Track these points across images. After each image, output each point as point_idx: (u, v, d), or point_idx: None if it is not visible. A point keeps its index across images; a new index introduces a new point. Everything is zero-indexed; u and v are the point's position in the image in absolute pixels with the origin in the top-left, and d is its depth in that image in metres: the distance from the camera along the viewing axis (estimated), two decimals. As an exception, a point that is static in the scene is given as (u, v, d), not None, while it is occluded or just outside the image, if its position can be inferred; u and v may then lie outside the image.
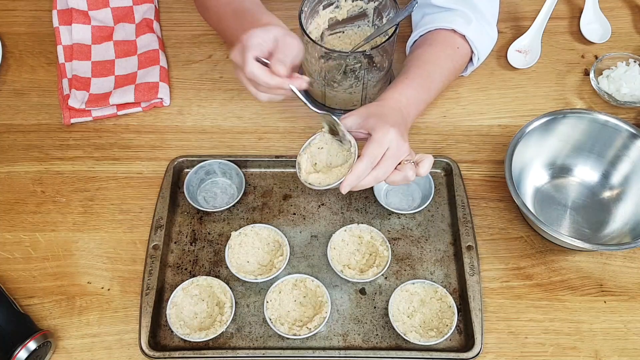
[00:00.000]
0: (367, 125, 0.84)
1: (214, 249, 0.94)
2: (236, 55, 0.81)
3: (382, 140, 0.81)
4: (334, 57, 0.95)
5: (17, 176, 1.01)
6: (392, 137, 0.81)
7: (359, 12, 1.04)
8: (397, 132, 0.82)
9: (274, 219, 0.96)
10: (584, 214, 0.96)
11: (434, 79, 0.96)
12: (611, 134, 0.95)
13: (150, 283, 0.88)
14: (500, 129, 1.06)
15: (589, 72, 1.10)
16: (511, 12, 1.20)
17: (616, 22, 1.18)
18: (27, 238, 0.95)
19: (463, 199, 0.96)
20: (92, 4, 1.15)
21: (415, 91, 0.93)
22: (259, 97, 0.84)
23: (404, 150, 0.83)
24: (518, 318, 0.88)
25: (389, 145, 0.81)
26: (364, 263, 0.91)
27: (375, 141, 0.81)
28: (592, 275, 0.92)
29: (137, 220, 0.96)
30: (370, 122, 0.84)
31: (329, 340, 0.86)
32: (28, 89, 1.10)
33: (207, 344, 0.85)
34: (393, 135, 0.81)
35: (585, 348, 0.86)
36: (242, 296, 0.89)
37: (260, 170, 1.01)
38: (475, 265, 0.90)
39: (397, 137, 0.82)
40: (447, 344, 0.86)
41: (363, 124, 0.84)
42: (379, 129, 0.82)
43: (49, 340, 0.83)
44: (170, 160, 1.00)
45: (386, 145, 0.81)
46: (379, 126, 0.82)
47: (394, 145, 0.82)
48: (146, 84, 1.06)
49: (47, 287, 0.91)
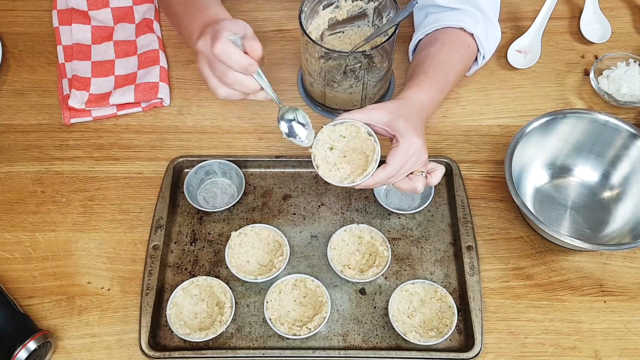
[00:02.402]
0: (394, 126, 0.83)
1: (214, 249, 0.94)
2: (205, 43, 0.80)
3: (408, 150, 0.82)
4: (334, 57, 0.95)
5: (17, 176, 1.01)
6: (417, 147, 0.82)
7: (359, 12, 1.04)
8: (423, 144, 0.83)
9: (274, 219, 0.96)
10: (584, 214, 0.96)
11: (449, 81, 0.96)
12: (611, 134, 0.95)
13: (150, 283, 0.88)
14: (500, 129, 1.06)
15: (589, 72, 1.10)
16: (511, 12, 1.20)
17: (616, 22, 1.18)
18: (27, 238, 0.95)
19: (463, 199, 0.96)
20: (92, 4, 1.15)
21: (435, 93, 0.93)
22: (218, 92, 0.82)
23: (422, 161, 0.84)
24: (518, 318, 0.88)
25: (413, 155, 0.82)
26: (364, 263, 0.91)
27: (403, 151, 0.82)
28: (592, 275, 0.92)
29: (137, 220, 0.96)
30: (399, 124, 0.83)
31: (329, 340, 0.86)
32: (28, 89, 1.10)
33: (207, 344, 0.85)
34: (418, 146, 0.82)
35: (585, 348, 0.86)
36: (242, 296, 0.89)
37: (260, 170, 1.01)
38: (475, 265, 0.90)
39: (421, 148, 0.83)
40: (447, 344, 0.86)
41: (390, 123, 0.83)
42: (407, 137, 0.82)
43: (49, 340, 0.83)
44: (170, 160, 1.00)
45: (411, 155, 0.82)
46: (407, 133, 0.82)
47: (416, 155, 0.83)
48: (146, 84, 1.06)
49: (47, 287, 0.91)
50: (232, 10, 1.18)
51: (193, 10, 0.90)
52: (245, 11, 1.20)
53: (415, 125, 0.84)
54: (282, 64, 1.13)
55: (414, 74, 0.95)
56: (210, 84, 0.83)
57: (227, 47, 0.78)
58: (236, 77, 0.80)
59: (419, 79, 0.93)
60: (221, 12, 0.88)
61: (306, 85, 1.07)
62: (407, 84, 0.94)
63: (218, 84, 0.82)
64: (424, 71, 0.94)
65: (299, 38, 1.00)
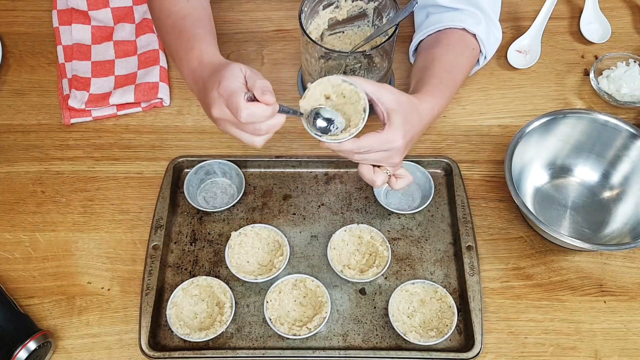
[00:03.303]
0: (392, 116, 0.81)
1: (214, 249, 0.94)
2: (221, 110, 0.77)
3: (385, 144, 0.81)
4: (334, 57, 0.95)
5: (17, 176, 1.01)
6: (395, 146, 0.81)
7: (359, 12, 1.04)
8: (403, 148, 0.82)
9: (274, 219, 0.96)
10: (584, 214, 0.96)
11: (457, 86, 0.96)
12: (611, 134, 0.95)
13: (150, 283, 0.88)
14: (500, 129, 1.06)
15: (589, 72, 1.10)
16: (511, 12, 1.20)
17: (616, 22, 1.18)
18: (27, 238, 0.95)
19: (463, 199, 0.96)
20: (92, 4, 1.15)
21: (445, 101, 0.92)
22: (257, 144, 0.79)
23: (393, 162, 0.84)
24: (518, 318, 0.88)
25: (388, 149, 0.81)
26: (364, 263, 0.91)
27: (381, 140, 0.81)
28: (592, 275, 0.92)
29: (137, 220, 0.96)
30: (396, 119, 0.81)
31: (329, 340, 0.86)
32: (28, 89, 1.10)
33: (207, 344, 0.85)
34: (398, 146, 0.81)
35: (585, 348, 0.86)
36: (242, 296, 0.89)
37: (260, 170, 1.01)
38: (475, 265, 0.90)
39: (399, 150, 0.82)
40: (447, 344, 0.86)
41: (391, 112, 0.81)
42: (392, 132, 0.81)
43: (49, 340, 0.83)
44: (170, 160, 1.00)
45: (386, 149, 0.81)
46: (395, 130, 0.81)
47: (390, 153, 0.82)
48: (146, 84, 1.06)
49: (47, 287, 0.91)
50: (232, 10, 1.19)
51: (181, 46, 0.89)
52: (245, 11, 1.20)
53: (409, 129, 0.83)
54: (282, 64, 1.13)
55: (424, 77, 0.93)
56: (245, 140, 0.80)
57: (252, 110, 0.75)
58: (267, 125, 0.77)
59: (432, 84, 0.91)
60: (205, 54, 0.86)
61: (306, 85, 1.07)
62: (421, 87, 0.91)
63: (252, 137, 0.79)
64: (435, 75, 0.93)
65: (299, 38, 1.00)
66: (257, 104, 0.75)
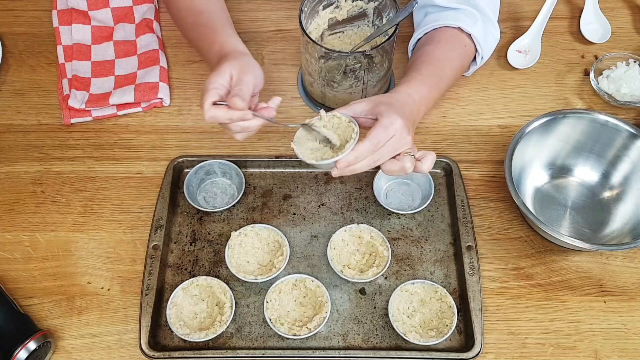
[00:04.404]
0: (375, 110, 0.83)
1: (213, 249, 0.94)
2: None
3: (387, 127, 0.81)
4: (333, 57, 0.95)
5: (17, 176, 1.01)
6: (397, 126, 0.81)
7: (359, 12, 1.04)
8: (404, 123, 0.82)
9: (274, 219, 0.96)
10: (584, 214, 0.96)
11: (443, 78, 0.96)
12: (611, 134, 0.95)
13: (150, 283, 0.88)
14: (500, 129, 1.06)
15: (589, 72, 1.10)
16: (511, 12, 1.20)
17: (616, 22, 1.18)
18: (27, 238, 0.95)
19: (463, 199, 0.96)
20: (92, 4, 1.15)
21: (428, 89, 0.93)
22: (237, 138, 0.86)
23: (406, 142, 0.83)
24: (518, 318, 0.88)
25: (394, 133, 0.81)
26: (364, 263, 0.91)
27: (381, 126, 0.81)
28: (592, 275, 0.92)
29: (137, 220, 0.96)
30: (380, 108, 0.83)
31: (328, 340, 0.86)
32: (28, 89, 1.10)
33: (207, 344, 0.85)
34: (399, 124, 0.82)
35: (585, 348, 0.86)
36: (242, 296, 0.89)
37: (260, 170, 1.01)
38: (475, 266, 0.90)
39: (403, 127, 0.82)
40: (447, 344, 0.86)
41: (372, 109, 0.84)
42: (386, 116, 0.82)
43: (49, 340, 0.83)
44: (170, 160, 1.00)
45: (391, 132, 0.81)
46: (387, 113, 0.82)
47: (397, 134, 0.82)
48: (146, 84, 1.06)
49: (47, 287, 0.91)
50: (232, 10, 1.19)
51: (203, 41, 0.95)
52: (245, 11, 1.20)
53: (400, 107, 0.84)
54: (282, 64, 1.13)
55: (406, 72, 0.96)
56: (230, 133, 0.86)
57: (212, 113, 0.81)
58: (240, 126, 0.84)
59: (410, 76, 0.93)
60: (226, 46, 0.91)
61: (306, 85, 1.07)
62: (398, 82, 0.94)
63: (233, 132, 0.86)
64: (415, 69, 0.95)
65: (299, 38, 1.00)
66: (220, 108, 0.81)
